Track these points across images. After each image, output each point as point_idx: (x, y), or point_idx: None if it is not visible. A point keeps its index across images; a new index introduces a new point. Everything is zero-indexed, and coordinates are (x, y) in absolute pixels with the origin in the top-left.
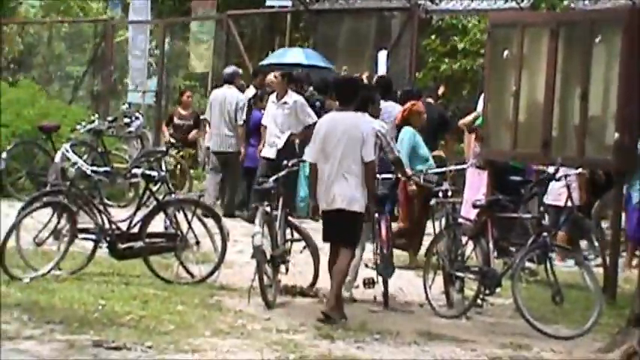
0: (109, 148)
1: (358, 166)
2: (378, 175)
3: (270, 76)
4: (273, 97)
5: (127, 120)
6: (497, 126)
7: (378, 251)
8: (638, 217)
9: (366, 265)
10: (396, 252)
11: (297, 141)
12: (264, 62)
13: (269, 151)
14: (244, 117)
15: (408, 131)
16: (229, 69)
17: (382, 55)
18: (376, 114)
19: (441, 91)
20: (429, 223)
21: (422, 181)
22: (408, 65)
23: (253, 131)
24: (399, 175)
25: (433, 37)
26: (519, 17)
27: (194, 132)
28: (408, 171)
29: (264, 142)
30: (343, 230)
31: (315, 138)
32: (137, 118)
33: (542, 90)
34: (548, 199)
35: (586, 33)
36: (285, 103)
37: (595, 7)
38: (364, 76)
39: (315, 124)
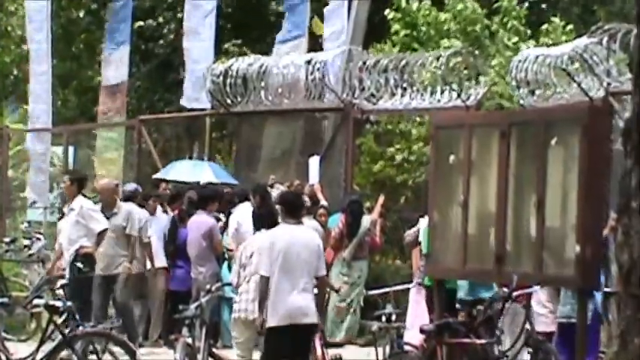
0: (7, 274)
1: (312, 279)
2: None
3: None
4: None
5: (26, 241)
6: (444, 240)
7: None
8: None
9: None
10: None
11: (96, 252)
12: (169, 177)
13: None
14: (149, 234)
15: None
16: (130, 186)
17: (314, 162)
18: None
19: (380, 200)
20: (372, 351)
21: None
22: (344, 172)
23: (180, 251)
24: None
25: (369, 136)
26: (465, 118)
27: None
28: (337, 285)
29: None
30: (303, 344)
31: (270, 251)
32: (38, 238)
33: (493, 198)
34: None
35: (540, 134)
36: (72, 209)
37: (547, 104)
38: (294, 186)
39: (105, 230)
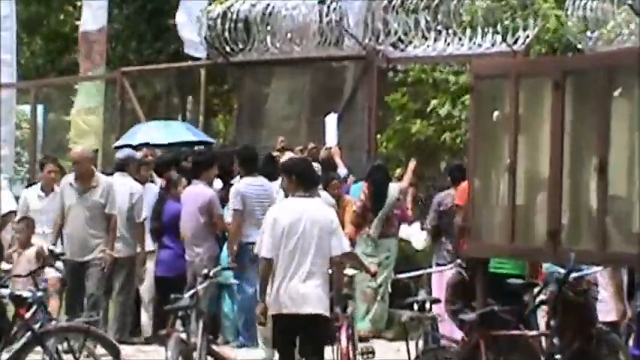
0: None
1: (325, 262)
2: None
3: None
4: None
5: None
6: (487, 211)
7: None
8: None
9: None
10: None
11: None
12: (136, 142)
13: None
14: (145, 212)
15: None
16: (122, 153)
17: (331, 121)
18: None
19: (412, 165)
20: (402, 346)
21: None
22: (367, 131)
23: (168, 228)
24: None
25: (401, 90)
26: (512, 65)
27: None
28: (373, 268)
29: None
30: (310, 336)
31: (272, 229)
32: None
33: (546, 162)
34: None
35: (601, 84)
36: None
37: (610, 48)
38: (307, 149)
39: (12, 212)
